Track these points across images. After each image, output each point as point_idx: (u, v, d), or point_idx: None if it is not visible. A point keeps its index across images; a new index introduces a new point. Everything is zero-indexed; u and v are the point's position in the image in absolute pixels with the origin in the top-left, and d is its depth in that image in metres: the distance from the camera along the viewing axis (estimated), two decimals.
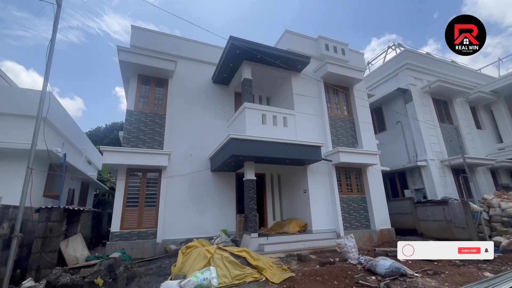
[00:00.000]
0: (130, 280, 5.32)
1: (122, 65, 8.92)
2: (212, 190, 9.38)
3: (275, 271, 5.29)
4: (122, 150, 8.04)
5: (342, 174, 9.94)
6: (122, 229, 7.90)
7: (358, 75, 11.01)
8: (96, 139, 27.37)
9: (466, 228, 8.42)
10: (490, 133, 15.39)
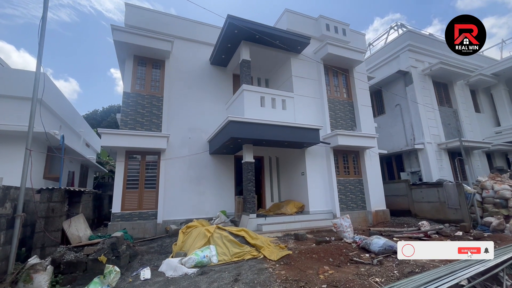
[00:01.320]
0: (132, 257, 5.50)
1: (117, 45, 8.69)
2: (211, 173, 9.48)
3: (272, 249, 5.48)
4: (120, 133, 8.02)
5: (339, 157, 10.03)
6: (123, 210, 8.06)
7: (358, 56, 10.81)
8: (94, 122, 27.17)
9: (459, 209, 8.66)
10: (489, 117, 15.41)
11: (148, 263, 5.29)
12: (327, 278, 4.01)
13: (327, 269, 4.44)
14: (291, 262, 4.83)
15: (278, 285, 3.75)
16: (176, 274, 4.51)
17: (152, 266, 5.10)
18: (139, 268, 4.95)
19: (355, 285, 3.72)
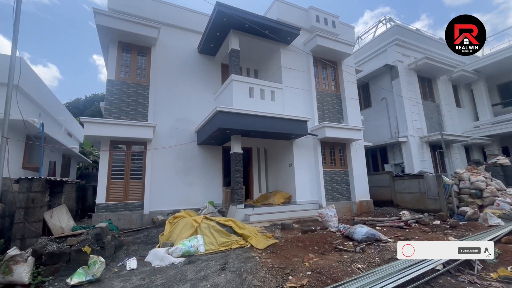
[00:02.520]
0: (118, 248, 5.45)
1: (100, 30, 8.31)
2: (199, 163, 9.41)
3: (259, 238, 5.56)
4: (104, 122, 7.77)
5: (326, 149, 10.20)
6: (108, 201, 7.91)
7: (347, 49, 10.88)
8: (76, 111, 26.18)
9: (438, 200, 9.06)
10: (468, 112, 16.03)
11: (134, 254, 5.25)
12: (312, 265, 4.13)
13: (312, 256, 4.57)
14: (278, 250, 4.93)
15: (264, 273, 3.83)
16: (162, 263, 4.51)
17: (139, 256, 5.07)
18: (124, 258, 4.91)
19: (338, 271, 3.86)
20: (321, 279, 3.60)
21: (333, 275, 3.73)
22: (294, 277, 3.68)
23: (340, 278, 3.63)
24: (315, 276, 3.68)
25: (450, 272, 3.93)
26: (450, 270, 3.96)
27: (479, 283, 3.65)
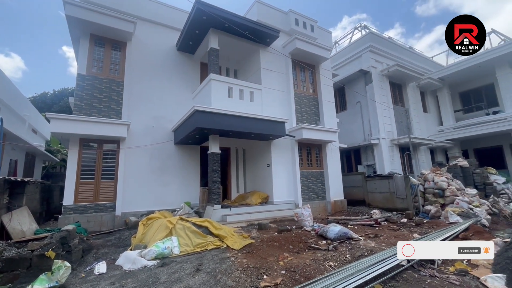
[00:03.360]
0: (86, 252, 5.18)
1: (70, 21, 7.85)
2: (176, 163, 9.21)
3: (236, 239, 5.57)
4: (73, 118, 7.35)
5: (303, 150, 10.44)
6: (76, 202, 7.49)
7: (325, 53, 11.20)
8: (43, 106, 24.49)
9: (405, 199, 9.63)
10: (434, 117, 17.18)
11: (104, 257, 5.02)
12: (286, 264, 4.22)
13: (287, 256, 4.66)
14: (253, 250, 4.97)
15: (239, 273, 3.84)
16: (134, 267, 4.36)
17: (109, 260, 4.86)
18: (93, 262, 4.68)
19: (312, 269, 3.97)
20: (294, 278, 3.69)
21: (306, 273, 3.84)
22: (268, 277, 3.73)
23: (313, 276, 3.74)
24: (289, 275, 3.77)
25: (413, 266, 4.20)
26: (414, 265, 4.24)
27: (439, 276, 3.94)
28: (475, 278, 3.87)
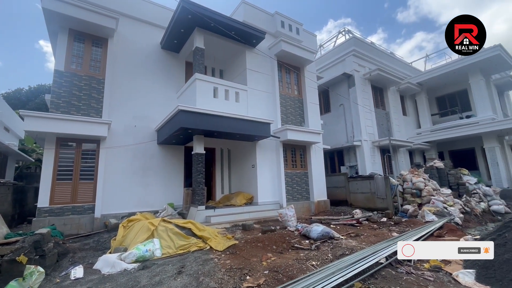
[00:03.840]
0: (62, 256, 4.95)
1: (47, 15, 7.49)
2: (159, 163, 9.01)
3: (219, 240, 5.53)
4: (49, 116, 7.00)
5: (288, 151, 10.55)
6: (52, 204, 7.15)
7: (310, 56, 11.39)
8: (17, 103, 23.20)
9: (385, 199, 9.96)
10: (412, 120, 17.92)
11: (81, 261, 4.83)
12: (269, 264, 4.24)
13: (270, 256, 4.69)
14: (237, 251, 4.96)
15: (222, 274, 3.82)
16: (114, 270, 4.23)
17: (86, 264, 4.69)
18: (69, 267, 4.49)
19: (294, 269, 4.02)
20: (277, 278, 3.72)
21: (289, 273, 3.88)
22: (251, 277, 3.74)
23: (295, 275, 3.79)
24: (272, 275, 3.79)
25: (391, 264, 4.36)
26: (392, 263, 4.39)
27: (415, 272, 4.11)
28: (448, 274, 4.07)
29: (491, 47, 13.64)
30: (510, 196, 12.44)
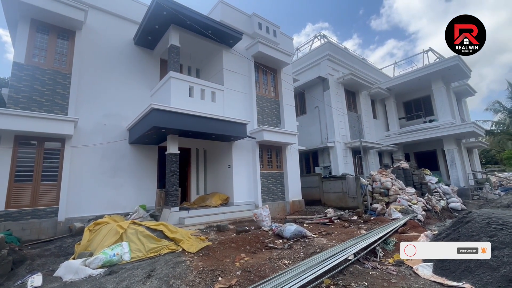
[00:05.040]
0: (18, 264, 4.58)
1: (5, 2, 6.91)
2: (130, 164, 8.66)
3: (192, 242, 5.44)
4: (6, 112, 6.43)
5: (264, 151, 10.64)
6: (8, 208, 6.59)
7: (286, 59, 11.59)
8: None
9: (356, 198, 10.42)
10: (382, 123, 18.92)
11: (39, 268, 4.49)
12: (242, 264, 4.25)
13: (243, 256, 4.70)
14: (210, 253, 4.91)
15: (194, 277, 3.77)
16: (77, 277, 3.99)
17: (46, 271, 4.37)
18: (26, 275, 4.16)
19: (266, 268, 4.07)
20: (249, 278, 3.74)
21: (261, 272, 3.92)
22: (223, 278, 3.73)
23: (267, 274, 3.83)
24: (244, 275, 3.81)
25: (359, 260, 4.57)
26: (359, 259, 4.61)
27: (380, 267, 4.34)
28: (409, 268, 4.35)
29: (451, 57, 14.80)
30: (466, 194, 13.61)
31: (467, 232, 4.41)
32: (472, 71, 16.53)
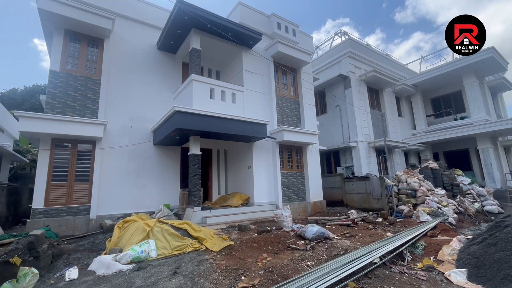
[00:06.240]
0: (56, 257, 4.93)
1: (43, 15, 7.47)
2: (155, 164, 9.01)
3: (215, 241, 5.54)
4: (44, 117, 6.97)
5: (284, 152, 10.59)
6: (47, 205, 7.11)
7: (306, 57, 11.46)
8: (12, 103, 22.96)
9: (381, 199, 10.05)
10: (408, 121, 18.09)
11: (75, 262, 4.81)
12: (265, 264, 4.27)
13: (265, 256, 4.71)
14: (232, 252, 4.98)
15: (217, 275, 3.84)
16: (109, 271, 4.22)
17: (81, 265, 4.67)
18: (64, 268, 4.47)
19: (289, 269, 4.05)
20: (272, 278, 3.74)
21: (283, 273, 3.90)
22: (246, 278, 3.76)
23: (290, 275, 3.81)
24: (267, 275, 3.81)
25: (385, 264, 4.41)
26: (386, 262, 4.44)
27: (408, 272, 4.16)
28: (440, 273, 4.13)
29: (485, 50, 13.81)
30: (503, 196, 12.62)
31: (505, 237, 4.10)
32: (509, 64, 15.29)
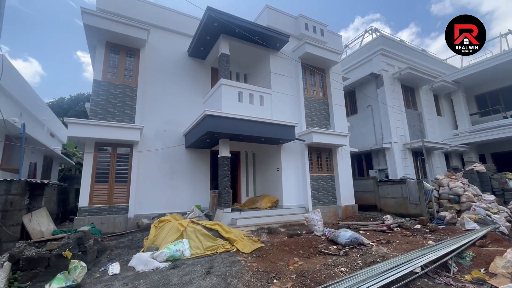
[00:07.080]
0: (100, 253, 5.32)
1: (88, 30, 8.17)
2: (186, 166, 9.35)
3: (246, 243, 5.58)
4: (89, 123, 7.60)
5: (313, 154, 10.38)
6: (91, 204, 7.71)
7: (335, 57, 11.17)
8: (60, 111, 25.37)
9: (419, 205, 9.39)
10: (448, 120, 16.74)
11: (117, 258, 5.15)
12: (297, 268, 4.19)
13: (297, 260, 4.63)
14: (263, 254, 4.97)
15: (249, 277, 3.85)
16: (147, 268, 4.45)
17: (122, 261, 4.98)
18: (107, 263, 4.81)
19: (322, 274, 3.94)
20: (305, 282, 3.67)
21: (316, 278, 3.81)
22: (278, 281, 3.73)
23: (324, 281, 3.71)
24: (299, 280, 3.75)
25: (428, 274, 4.10)
26: (428, 273, 4.13)
27: (454, 284, 3.82)
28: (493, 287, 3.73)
29: None
30: None
31: None
32: None
